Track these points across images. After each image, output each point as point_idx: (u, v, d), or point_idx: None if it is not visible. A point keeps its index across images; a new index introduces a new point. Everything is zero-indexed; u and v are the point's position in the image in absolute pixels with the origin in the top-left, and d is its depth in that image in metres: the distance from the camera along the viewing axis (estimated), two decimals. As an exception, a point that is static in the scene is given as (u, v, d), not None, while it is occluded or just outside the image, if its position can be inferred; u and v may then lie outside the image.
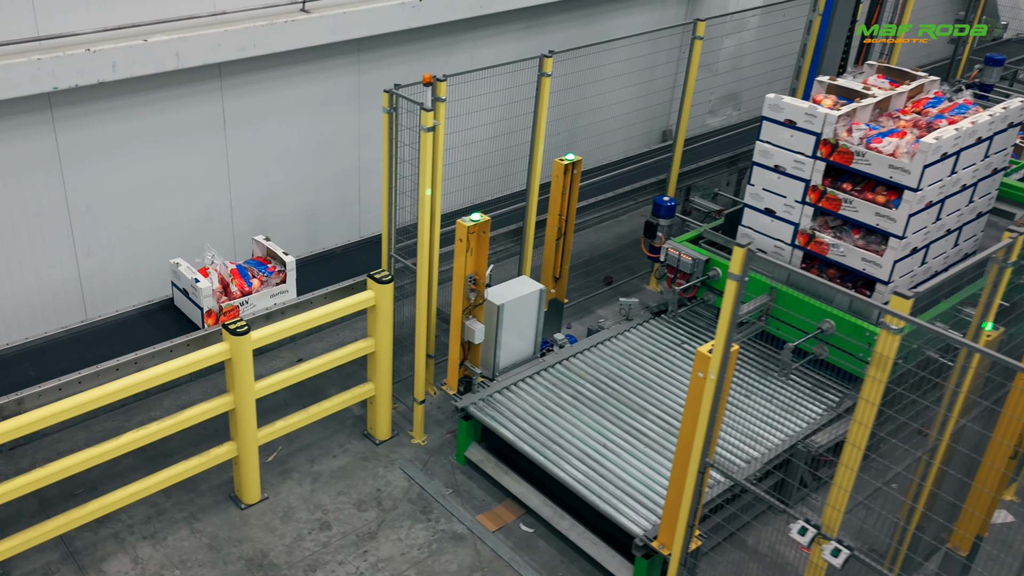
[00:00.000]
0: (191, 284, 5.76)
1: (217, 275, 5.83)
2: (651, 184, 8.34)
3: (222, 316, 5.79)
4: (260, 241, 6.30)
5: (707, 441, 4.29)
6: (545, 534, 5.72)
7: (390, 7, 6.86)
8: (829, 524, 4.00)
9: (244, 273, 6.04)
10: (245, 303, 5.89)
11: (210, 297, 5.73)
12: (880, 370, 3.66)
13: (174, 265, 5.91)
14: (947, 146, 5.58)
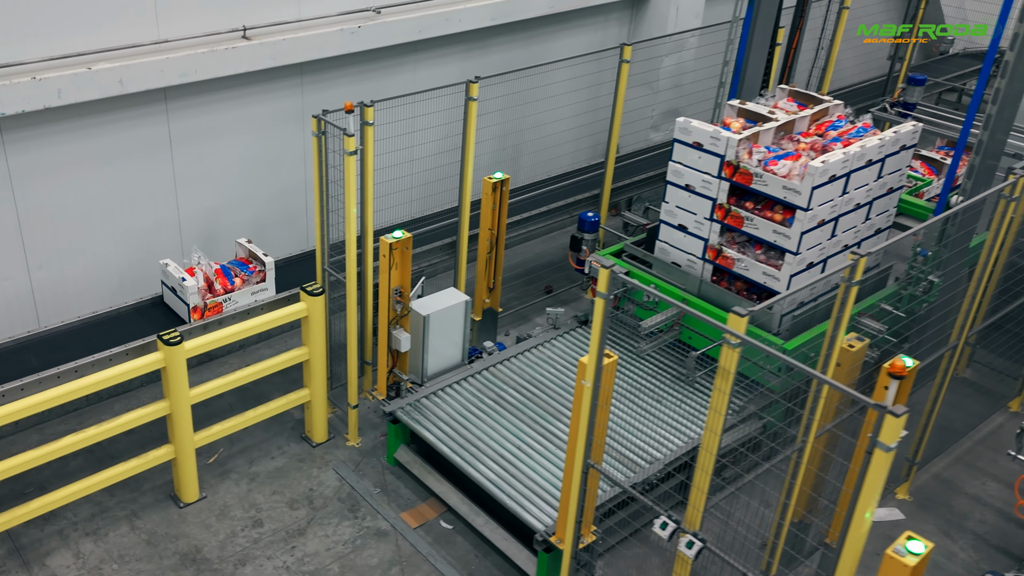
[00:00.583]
0: (179, 283, 6.49)
1: (203, 274, 6.59)
2: (589, 198, 8.78)
3: (207, 312, 6.57)
4: (243, 243, 7.02)
5: (588, 444, 4.70)
6: (463, 530, 6.12)
7: (329, 33, 7.26)
8: (691, 520, 4.41)
9: (227, 272, 6.79)
10: (228, 300, 6.64)
11: (196, 294, 6.46)
12: (724, 382, 4.06)
13: (163, 265, 6.68)
14: (835, 168, 6.00)
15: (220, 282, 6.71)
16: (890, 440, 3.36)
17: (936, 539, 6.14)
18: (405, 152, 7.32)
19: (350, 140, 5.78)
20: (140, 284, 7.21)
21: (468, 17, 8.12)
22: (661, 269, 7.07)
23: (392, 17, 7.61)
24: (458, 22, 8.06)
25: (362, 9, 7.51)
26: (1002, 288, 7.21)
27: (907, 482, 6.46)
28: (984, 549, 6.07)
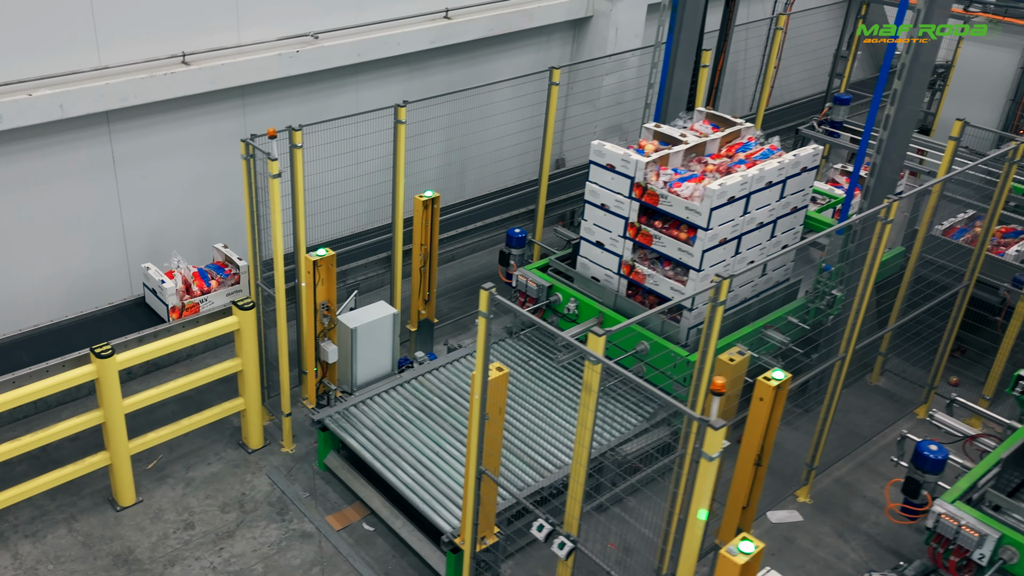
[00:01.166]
0: (158, 285, 7.03)
1: (181, 277, 7.10)
2: (525, 213, 9.14)
3: (185, 311, 7.10)
4: (219, 248, 7.56)
5: (479, 452, 5.05)
6: (384, 532, 6.46)
7: (268, 58, 7.60)
8: (569, 522, 4.76)
9: (204, 275, 7.32)
10: (204, 300, 7.14)
11: (174, 296, 7.04)
12: (590, 397, 4.41)
13: (144, 268, 7.23)
14: (734, 191, 6.37)
15: (197, 284, 7.28)
16: (712, 451, 3.71)
17: (830, 540, 6.51)
18: (346, 169, 7.69)
19: (273, 164, 6.12)
20: (87, 297, 7.54)
21: (407, 41, 8.48)
22: (582, 283, 7.42)
23: (330, 42, 7.96)
24: (396, 45, 8.41)
25: (301, 34, 7.85)
26: (910, 302, 7.60)
27: (807, 486, 6.81)
28: (874, 550, 6.43)
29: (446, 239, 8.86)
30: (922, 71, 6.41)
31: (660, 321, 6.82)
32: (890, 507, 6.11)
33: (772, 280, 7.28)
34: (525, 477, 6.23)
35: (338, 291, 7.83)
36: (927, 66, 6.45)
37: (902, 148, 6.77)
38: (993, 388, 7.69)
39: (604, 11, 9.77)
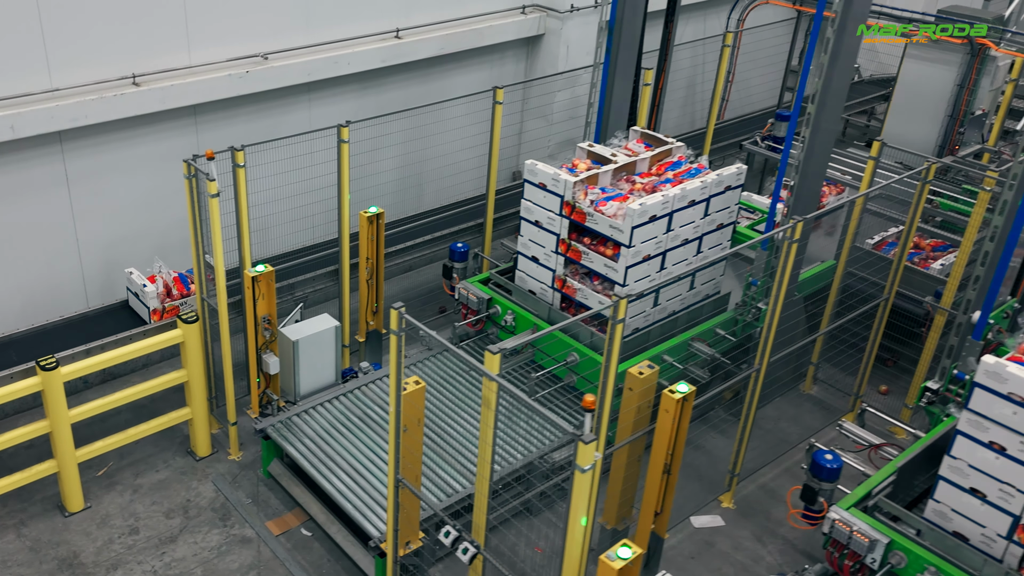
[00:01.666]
0: (140, 288, 7.40)
1: (162, 281, 7.57)
2: (473, 226, 9.42)
3: (165, 314, 7.54)
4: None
5: (396, 461, 5.32)
6: (321, 537, 6.73)
7: (218, 78, 7.87)
8: (477, 528, 5.03)
9: (184, 280, 7.67)
10: (184, 303, 7.61)
11: (155, 299, 7.47)
12: (490, 411, 4.68)
13: (128, 273, 7.65)
14: (655, 209, 6.65)
15: (177, 288, 7.67)
16: (584, 463, 3.99)
17: (748, 543, 6.79)
18: (297, 185, 7.98)
19: (212, 184, 6.39)
20: (42, 310, 7.80)
21: (357, 60, 8.75)
22: (519, 296, 7.70)
23: (280, 62, 8.24)
24: (347, 65, 8.69)
25: (251, 55, 8.12)
26: (839, 313, 7.89)
27: (730, 492, 7.09)
28: (790, 553, 6.71)
29: (402, 250, 9.16)
30: (835, 97, 6.70)
31: (590, 333, 7.11)
32: (791, 513, 6.39)
33: (701, 293, 7.56)
34: (455, 484, 6.50)
35: (288, 303, 8.16)
36: (840, 92, 6.74)
37: (820, 168, 7.06)
38: (915, 397, 7.98)
39: (555, 29, 10.05)
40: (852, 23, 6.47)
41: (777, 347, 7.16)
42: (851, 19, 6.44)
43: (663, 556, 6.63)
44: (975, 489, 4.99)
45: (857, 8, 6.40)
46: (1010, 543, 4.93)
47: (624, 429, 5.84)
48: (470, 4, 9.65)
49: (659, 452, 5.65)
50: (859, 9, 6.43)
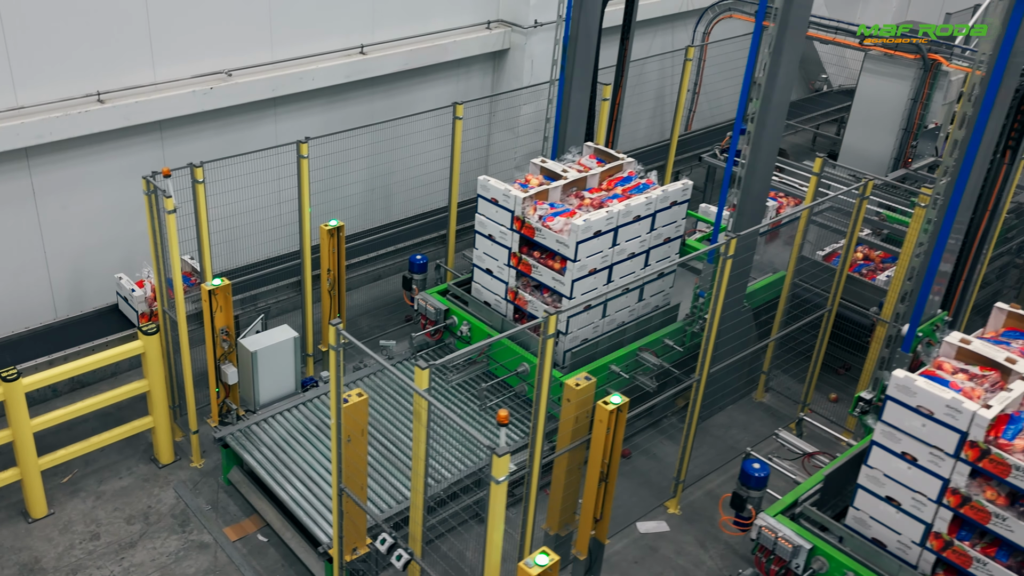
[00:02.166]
0: (129, 293, 7.73)
1: (150, 286, 7.85)
2: (436, 238, 9.63)
3: (153, 317, 7.84)
4: (186, 260, 8.02)
5: (339, 471, 5.52)
6: (276, 543, 6.93)
7: (183, 95, 8.07)
8: (413, 536, 5.24)
9: (171, 285, 7.59)
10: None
11: (143, 303, 7.80)
12: (420, 424, 4.89)
13: (117, 279, 8.03)
14: (599, 225, 6.86)
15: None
16: (499, 475, 4.19)
17: (691, 548, 6.99)
18: (261, 199, 8.19)
19: (169, 201, 6.59)
20: (10, 319, 7.99)
21: (322, 76, 8.95)
22: (475, 307, 7.91)
23: (244, 78, 8.44)
24: (311, 80, 8.89)
25: (216, 72, 8.32)
26: (788, 324, 8.10)
27: (675, 498, 7.30)
28: (731, 557, 6.92)
29: (370, 260, 9.38)
30: (775, 115, 6.92)
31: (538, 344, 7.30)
32: (723, 519, 6.60)
33: (651, 304, 7.77)
34: (406, 491, 6.70)
35: (253, 314, 8.36)
36: (780, 109, 6.95)
37: (763, 184, 7.28)
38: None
39: (519, 44, 10.26)
40: (789, 43, 6.69)
41: (724, 357, 7.39)
42: (788, 39, 6.65)
43: (608, 561, 6.85)
44: (890, 497, 5.20)
45: (794, 26, 6.61)
46: (923, 550, 5.13)
47: (563, 438, 6.04)
48: (435, 20, 9.86)
49: (595, 461, 5.85)
50: (795, 27, 6.64)
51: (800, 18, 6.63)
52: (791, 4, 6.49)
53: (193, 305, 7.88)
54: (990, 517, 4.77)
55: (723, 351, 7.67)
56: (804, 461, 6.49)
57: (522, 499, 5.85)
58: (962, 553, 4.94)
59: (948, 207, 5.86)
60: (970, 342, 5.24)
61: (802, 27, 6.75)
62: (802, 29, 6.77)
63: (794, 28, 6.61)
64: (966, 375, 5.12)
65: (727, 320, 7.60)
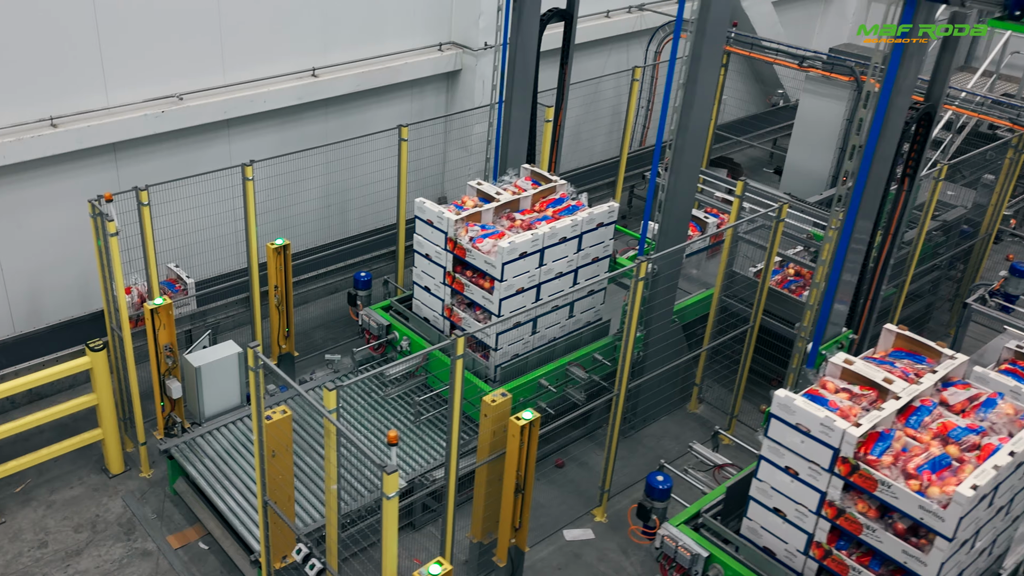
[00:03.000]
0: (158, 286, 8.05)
1: (137, 292, 8.16)
2: (386, 254, 9.96)
3: (140, 322, 8.05)
4: (171, 267, 8.60)
5: (263, 485, 5.84)
6: (217, 551, 7.24)
7: (134, 118, 8.39)
8: (330, 548, 5.56)
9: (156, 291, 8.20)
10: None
11: (131, 308, 8.02)
12: (330, 443, 5.20)
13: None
14: (525, 247, 7.19)
15: None
16: (389, 491, 4.51)
17: (614, 555, 7.32)
18: (213, 217, 8.52)
19: (111, 224, 6.91)
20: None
21: (273, 98, 9.27)
22: (415, 323, 8.23)
23: (196, 102, 8.76)
24: (263, 103, 9.21)
25: (168, 95, 8.64)
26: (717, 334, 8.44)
27: (601, 507, 7.62)
28: (650, 564, 7.23)
29: (326, 273, 9.73)
30: (694, 140, 7.25)
31: (472, 359, 7.64)
32: (631, 528, 6.92)
33: (582, 321, 8.10)
34: (363, 491, 7.01)
35: (203, 329, 8.69)
36: (699, 134, 7.28)
37: (684, 206, 7.61)
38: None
39: (470, 65, 10.59)
40: (704, 72, 7.01)
41: (652, 370, 7.74)
42: (703, 69, 6.98)
43: (533, 567, 7.18)
44: (777, 509, 5.52)
45: (707, 58, 6.93)
46: (807, 558, 5.46)
47: (482, 451, 6.36)
48: (387, 43, 10.18)
49: (510, 473, 6.18)
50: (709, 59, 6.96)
51: (713, 50, 6.96)
52: (703, 38, 6.82)
53: (177, 310, 8.36)
54: (862, 528, 5.10)
55: (651, 363, 8.03)
56: (715, 472, 6.82)
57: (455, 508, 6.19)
58: (840, 562, 5.27)
59: (843, 230, 6.19)
60: (853, 362, 5.57)
61: (716, 58, 7.08)
62: (716, 60, 7.09)
63: (707, 60, 6.94)
64: (847, 394, 5.45)
65: (654, 334, 7.96)
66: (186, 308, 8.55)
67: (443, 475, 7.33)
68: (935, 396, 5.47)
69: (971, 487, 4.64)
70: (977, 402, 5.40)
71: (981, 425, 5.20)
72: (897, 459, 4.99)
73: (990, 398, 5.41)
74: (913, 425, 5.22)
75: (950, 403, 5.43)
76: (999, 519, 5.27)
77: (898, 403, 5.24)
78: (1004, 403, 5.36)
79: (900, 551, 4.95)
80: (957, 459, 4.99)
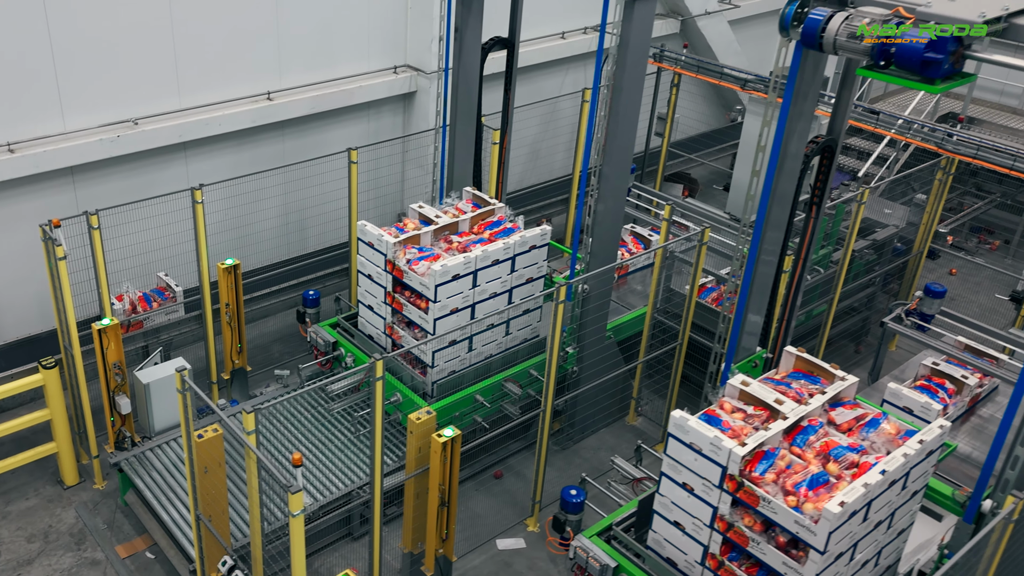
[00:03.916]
0: (109, 306, 8.43)
1: (129, 299, 8.75)
2: (339, 271, 10.30)
3: (132, 327, 8.75)
4: (160, 276, 9.13)
5: (195, 500, 6.17)
6: (163, 560, 7.57)
7: (90, 143, 8.71)
8: (255, 560, 5.88)
9: (148, 298, 9.00)
10: (147, 318, 8.90)
11: (123, 314, 8.67)
12: (250, 464, 5.53)
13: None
14: (457, 269, 7.53)
15: (141, 305, 8.91)
16: (294, 509, 4.84)
17: (543, 564, 7.65)
18: (167, 238, 8.85)
19: (59, 249, 7.24)
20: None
21: (228, 122, 9.59)
22: (360, 340, 8.57)
23: (151, 126, 9.08)
24: (218, 126, 9.53)
25: (122, 120, 8.97)
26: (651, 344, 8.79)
27: (533, 516, 7.95)
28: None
29: (283, 289, 10.07)
30: (617, 167, 7.59)
31: (410, 375, 7.98)
32: (549, 540, 7.26)
33: (519, 338, 8.44)
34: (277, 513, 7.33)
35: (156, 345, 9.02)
36: (623, 162, 7.62)
37: (612, 231, 7.95)
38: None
39: (425, 87, 10.92)
40: (625, 103, 7.35)
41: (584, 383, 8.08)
42: (623, 100, 7.32)
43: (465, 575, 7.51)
44: (677, 522, 5.86)
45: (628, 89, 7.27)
46: (704, 568, 5.80)
47: (409, 466, 6.69)
48: (343, 66, 10.51)
49: (433, 487, 6.51)
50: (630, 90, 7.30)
51: (634, 82, 7.30)
52: (624, 70, 7.16)
53: (166, 316, 8.98)
54: (749, 541, 5.44)
55: (586, 378, 8.38)
56: (634, 485, 7.15)
57: (392, 519, 6.52)
58: (732, 572, 5.61)
59: (749, 255, 6.54)
60: (749, 384, 5.91)
61: (636, 89, 7.42)
62: (637, 90, 7.43)
63: (628, 91, 7.28)
64: (742, 414, 5.79)
65: (588, 348, 8.30)
66: (175, 314, 9.11)
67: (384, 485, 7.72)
68: (823, 416, 5.82)
69: (839, 504, 4.99)
70: (862, 422, 5.75)
71: (862, 444, 5.55)
72: (779, 476, 5.33)
73: (875, 418, 5.76)
74: (799, 444, 5.57)
75: (837, 422, 5.78)
76: (881, 532, 5.61)
77: (785, 423, 5.58)
78: (887, 423, 5.71)
79: (781, 563, 5.29)
80: (836, 476, 5.33)
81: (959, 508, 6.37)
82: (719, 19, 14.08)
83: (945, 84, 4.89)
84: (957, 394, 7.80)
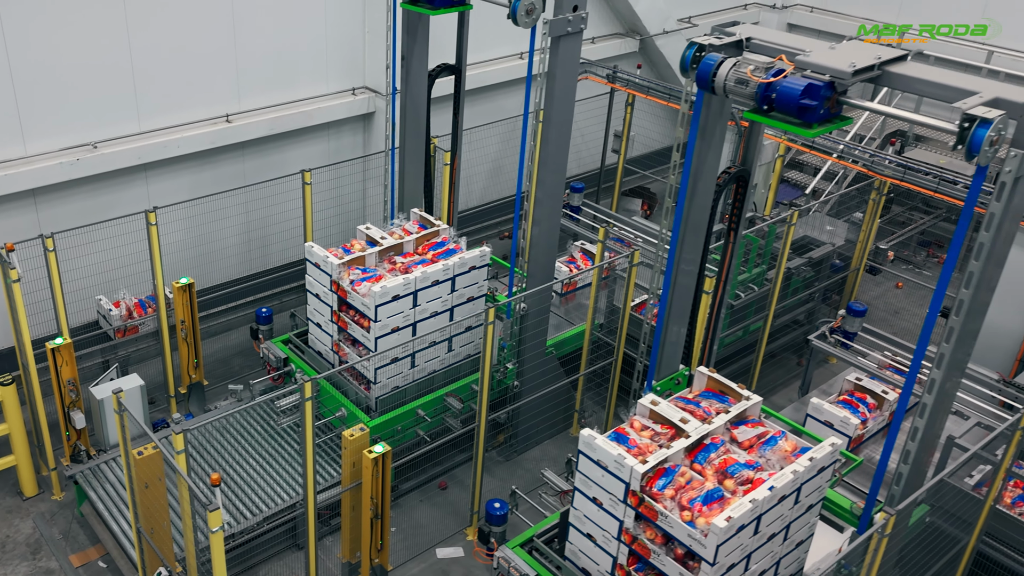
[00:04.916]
0: (107, 312, 9.26)
1: (125, 306, 9.28)
2: (297, 287, 10.64)
3: (128, 332, 9.31)
4: (99, 300, 9.46)
5: (135, 514, 6.49)
6: (115, 569, 7.89)
7: (50, 166, 9.03)
8: (191, 570, 6.21)
9: (143, 305, 9.51)
10: (143, 323, 9.39)
11: (119, 320, 9.23)
12: (181, 481, 5.86)
13: (97, 299, 9.43)
14: (397, 290, 7.87)
15: (137, 311, 9.42)
16: (213, 526, 5.17)
17: (479, 572, 7.98)
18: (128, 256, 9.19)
19: (13, 272, 7.57)
20: None
21: (187, 144, 9.91)
22: (310, 356, 8.90)
23: (110, 149, 9.40)
24: (177, 148, 9.85)
25: (82, 144, 9.29)
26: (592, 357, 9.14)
27: (472, 526, 8.29)
28: (509, 580, 7.91)
29: (245, 304, 10.40)
30: (550, 194, 7.94)
31: (355, 391, 8.32)
32: (476, 550, 7.60)
33: (461, 354, 8.77)
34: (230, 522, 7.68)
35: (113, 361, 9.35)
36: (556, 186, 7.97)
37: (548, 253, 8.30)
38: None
39: (383, 108, 11.24)
40: (555, 131, 7.70)
41: (525, 396, 8.42)
42: (552, 130, 7.66)
43: (403, 583, 7.86)
44: (590, 534, 6.20)
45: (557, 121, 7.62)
46: (614, 578, 6.15)
47: (344, 479, 7.03)
48: (301, 88, 10.85)
49: (365, 501, 6.84)
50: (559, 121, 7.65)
51: (563, 113, 7.65)
52: (552, 101, 7.51)
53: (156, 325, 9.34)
54: (651, 553, 5.78)
55: (526, 391, 8.73)
56: (561, 497, 7.49)
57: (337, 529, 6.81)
58: (638, 581, 5.96)
59: (664, 278, 6.90)
60: (658, 403, 6.25)
61: (566, 121, 7.77)
62: (567, 123, 7.78)
63: (558, 123, 7.63)
64: (650, 432, 6.13)
65: (528, 363, 8.65)
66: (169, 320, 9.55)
67: (324, 497, 8.06)
68: (727, 434, 6.16)
69: (726, 519, 5.33)
70: (762, 440, 6.10)
71: (758, 461, 5.90)
72: (677, 492, 5.67)
73: (774, 436, 6.10)
74: (700, 461, 5.91)
75: (739, 440, 6.12)
76: (776, 544, 5.96)
77: (687, 441, 5.93)
78: (785, 441, 6.06)
79: (678, 573, 5.64)
80: (731, 492, 5.68)
81: (856, 520, 6.72)
82: (677, 38, 14.43)
83: (822, 128, 5.23)
84: (877, 409, 8.17)
